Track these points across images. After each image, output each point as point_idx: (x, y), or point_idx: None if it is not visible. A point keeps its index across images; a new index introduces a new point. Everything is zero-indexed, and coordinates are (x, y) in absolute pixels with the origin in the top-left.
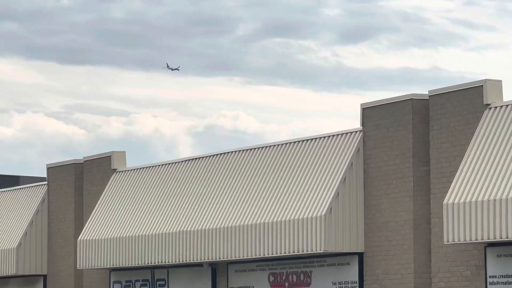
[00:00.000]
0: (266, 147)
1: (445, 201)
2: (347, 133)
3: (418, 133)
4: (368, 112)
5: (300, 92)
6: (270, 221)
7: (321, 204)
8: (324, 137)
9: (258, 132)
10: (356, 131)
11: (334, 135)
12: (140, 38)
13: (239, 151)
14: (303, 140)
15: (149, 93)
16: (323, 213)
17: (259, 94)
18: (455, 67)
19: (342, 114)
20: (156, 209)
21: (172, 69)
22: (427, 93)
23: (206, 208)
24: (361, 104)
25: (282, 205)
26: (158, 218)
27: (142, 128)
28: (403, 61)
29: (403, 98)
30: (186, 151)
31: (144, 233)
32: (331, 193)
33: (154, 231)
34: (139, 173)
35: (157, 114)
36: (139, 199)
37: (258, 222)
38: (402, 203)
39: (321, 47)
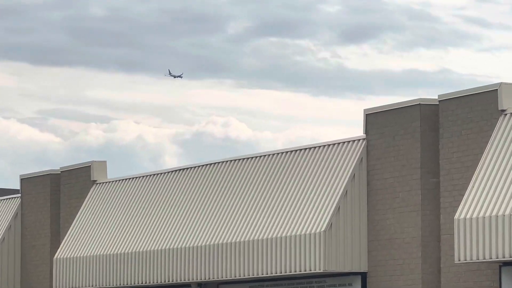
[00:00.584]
0: (260, 156)
1: (456, 216)
2: (349, 141)
3: (427, 142)
4: (372, 118)
5: (297, 96)
6: (264, 237)
7: (321, 219)
8: (324, 146)
9: (251, 140)
10: (359, 140)
11: (334, 144)
12: (122, 37)
13: (230, 161)
14: (301, 149)
15: (132, 97)
16: (323, 229)
17: (252, 98)
18: (466, 69)
19: (343, 120)
20: (139, 225)
21: (175, 77)
22: (436, 97)
23: (194, 224)
24: (365, 110)
25: (277, 220)
26: (142, 234)
27: (124, 136)
28: (409, 62)
29: (410, 103)
30: (172, 161)
31: (126, 251)
32: (331, 207)
33: (138, 249)
34: (121, 185)
35: (140, 120)
36: (121, 213)
37: (251, 238)
38: (409, 219)
39: (320, 47)
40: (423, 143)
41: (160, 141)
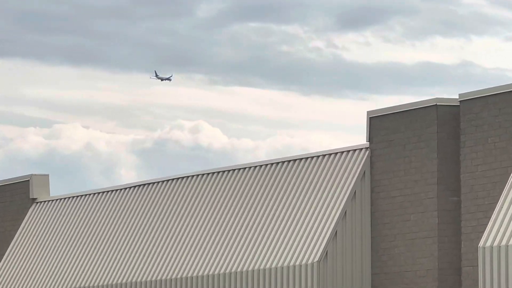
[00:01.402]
0: (238, 169)
1: (480, 244)
2: (348, 151)
3: (445, 152)
4: (377, 123)
5: (283, 95)
6: (246, 269)
7: (314, 246)
8: (317, 156)
9: (227, 150)
10: (361, 149)
11: (330, 154)
12: (68, 22)
13: (201, 175)
14: (288, 161)
15: (79, 95)
16: (316, 259)
17: (227, 98)
18: (492, 62)
19: (341, 125)
20: (89, 254)
21: (162, 79)
22: (456, 97)
23: (158, 253)
24: (368, 113)
25: (262, 248)
26: (94, 264)
27: (69, 144)
28: (422, 54)
29: (425, 104)
30: (129, 175)
31: (74, 285)
32: (326, 232)
33: (89, 283)
34: (67, 203)
35: (89, 124)
36: (66, 238)
37: (232, 270)
38: (424, 247)
39: (312, 35)
40: (440, 154)
41: (114, 150)
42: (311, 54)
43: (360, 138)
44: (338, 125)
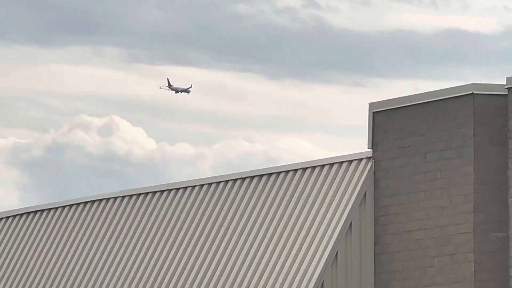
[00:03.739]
0: (165, 191)
1: None
2: (341, 163)
3: (487, 164)
4: (385, 120)
5: (240, 78)
6: None
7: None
8: (288, 172)
9: (154, 161)
10: (360, 160)
11: (307, 169)
12: None
13: (113, 198)
14: (243, 178)
15: None
16: None
17: (156, 82)
18: None
19: (326, 124)
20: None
21: (178, 91)
22: (503, 82)
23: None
24: (370, 105)
25: (236, 281)
26: None
27: None
28: (447, 17)
29: (455, 92)
30: (7, 201)
31: None
32: (308, 284)
33: None
34: None
35: None
36: None
37: None
38: None
39: None
40: (479, 167)
41: None
42: (281, 18)
43: (357, 143)
44: (322, 123)
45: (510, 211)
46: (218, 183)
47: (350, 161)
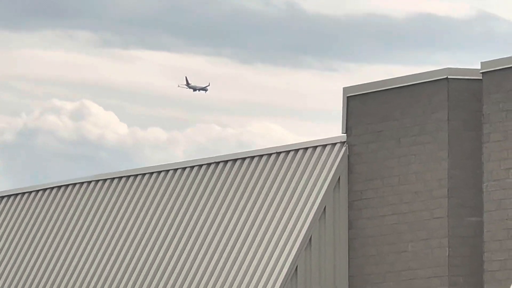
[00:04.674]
0: (137, 175)
1: None
2: (315, 147)
3: (461, 149)
4: (359, 105)
5: (211, 63)
6: None
7: (268, 284)
8: (262, 156)
9: (126, 145)
10: (333, 144)
11: (281, 153)
12: None
13: (87, 182)
14: (217, 162)
15: None
16: None
17: (127, 66)
18: None
19: (299, 109)
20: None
21: (196, 89)
22: (477, 67)
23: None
24: (345, 90)
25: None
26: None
27: None
28: (420, 2)
29: (429, 77)
30: None
31: None
32: (282, 268)
33: None
34: None
35: None
36: None
37: None
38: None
39: None
40: (453, 152)
41: None
42: (253, 2)
43: (330, 128)
44: (294, 108)
45: (484, 196)
46: (192, 167)
47: (324, 146)
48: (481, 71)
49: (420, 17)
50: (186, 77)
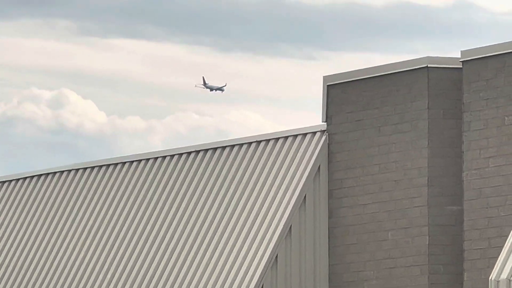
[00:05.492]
0: (117, 164)
1: (492, 276)
2: (295, 136)
3: (441, 138)
4: (339, 94)
5: (191, 52)
6: None
7: (245, 278)
8: (242, 145)
9: (105, 134)
10: (313, 133)
11: (261, 142)
12: None
13: (68, 171)
14: (197, 151)
15: None
16: None
17: (106, 55)
18: (501, 3)
19: (278, 98)
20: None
21: (212, 89)
22: (457, 55)
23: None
24: (325, 79)
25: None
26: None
27: None
28: None
29: (409, 65)
30: None
31: None
32: (261, 260)
33: None
34: None
35: None
36: None
37: None
38: (408, 281)
39: None
40: (433, 140)
41: None
42: None
43: (309, 117)
44: (273, 97)
45: (464, 184)
46: (172, 156)
47: (304, 134)
48: (461, 60)
49: (399, 5)
50: (203, 77)
